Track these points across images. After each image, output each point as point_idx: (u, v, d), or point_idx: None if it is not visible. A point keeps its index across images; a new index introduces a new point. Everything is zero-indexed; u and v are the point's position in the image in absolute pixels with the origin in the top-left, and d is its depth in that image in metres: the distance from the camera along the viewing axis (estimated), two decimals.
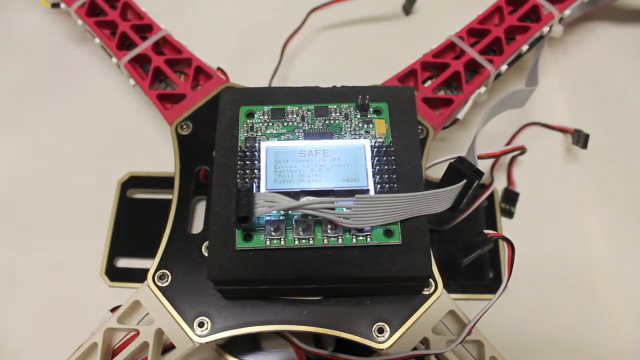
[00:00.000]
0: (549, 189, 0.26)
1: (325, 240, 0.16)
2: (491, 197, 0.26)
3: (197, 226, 0.22)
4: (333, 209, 0.16)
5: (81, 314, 0.23)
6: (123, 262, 0.25)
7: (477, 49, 0.24)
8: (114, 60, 0.25)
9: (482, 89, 0.24)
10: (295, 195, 0.17)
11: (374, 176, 0.17)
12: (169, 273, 0.19)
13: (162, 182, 0.26)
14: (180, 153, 0.21)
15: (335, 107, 0.19)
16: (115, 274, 0.24)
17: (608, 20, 0.31)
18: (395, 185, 0.17)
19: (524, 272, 0.23)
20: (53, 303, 0.24)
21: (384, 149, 0.18)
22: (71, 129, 0.28)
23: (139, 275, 0.20)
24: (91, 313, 0.19)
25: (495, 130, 0.25)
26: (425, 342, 0.18)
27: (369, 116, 0.19)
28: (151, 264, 0.19)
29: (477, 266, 0.24)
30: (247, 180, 0.17)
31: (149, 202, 0.26)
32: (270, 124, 0.19)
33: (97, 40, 0.25)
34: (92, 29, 0.25)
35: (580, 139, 0.26)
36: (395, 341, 0.17)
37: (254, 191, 0.16)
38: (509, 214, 0.26)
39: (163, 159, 0.25)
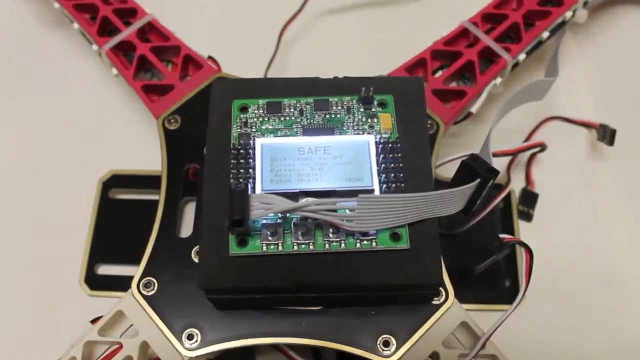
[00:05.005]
0: (571, 189, 0.27)
1: (327, 245, 0.16)
2: (508, 198, 0.26)
3: (186, 230, 0.22)
4: (335, 210, 0.16)
5: (58, 325, 0.23)
6: (104, 269, 0.25)
7: (492, 36, 0.24)
8: (95, 47, 0.25)
9: (498, 80, 0.24)
10: (294, 196, 0.17)
11: (379, 175, 0.17)
12: (155, 281, 0.19)
13: (147, 182, 0.26)
14: (168, 150, 0.22)
15: (336, 100, 0.19)
16: (95, 282, 0.24)
17: (637, 3, 0.31)
18: (403, 185, 0.17)
19: (544, 281, 0.24)
20: (27, 314, 0.24)
21: (389, 145, 0.18)
22: (46, 124, 0.28)
23: (122, 283, 0.20)
24: (69, 325, 0.20)
25: (512, 125, 0.25)
26: (435, 356, 0.18)
27: (373, 110, 0.19)
28: (135, 271, 0.19)
29: (492, 274, 0.24)
30: (241, 180, 0.17)
31: (133, 203, 0.26)
32: (266, 119, 0.19)
33: (75, 25, 0.26)
34: (70, 13, 0.25)
35: (607, 134, 0.26)
36: (402, 355, 0.17)
37: (249, 192, 0.16)
38: (528, 217, 0.26)
39: (149, 156, 0.25)
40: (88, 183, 0.26)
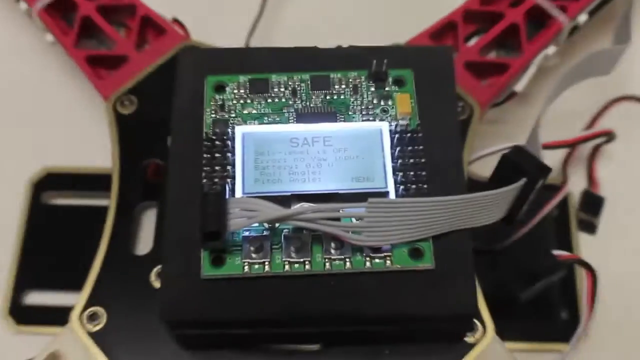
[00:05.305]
0: None
1: (328, 265, 0.17)
2: (564, 203, 0.26)
3: (145, 245, 0.23)
4: (338, 219, 0.16)
5: None
6: (35, 297, 0.25)
7: None
8: (23, 5, 0.25)
9: (551, 49, 0.24)
10: (285, 200, 0.17)
11: (394, 173, 0.18)
12: (103, 311, 0.19)
13: (93, 182, 0.26)
14: (121, 141, 0.22)
15: (339, 76, 0.19)
16: (24, 315, 0.25)
17: None
18: (425, 186, 0.18)
19: (612, 311, 0.24)
20: None
21: (408, 134, 0.18)
22: None
23: (58, 316, 0.20)
24: None
25: (569, 107, 0.25)
26: None
27: (387, 89, 0.19)
28: (77, 300, 0.19)
29: (544, 303, 0.24)
30: (216, 180, 0.18)
31: (74, 211, 0.26)
32: (249, 101, 0.19)
33: None
34: None
35: None
36: None
37: (227, 196, 0.16)
38: (591, 228, 0.26)
39: (95, 148, 0.26)
40: (14, 184, 0.26)
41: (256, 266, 0.17)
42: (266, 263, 0.17)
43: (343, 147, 0.18)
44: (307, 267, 0.17)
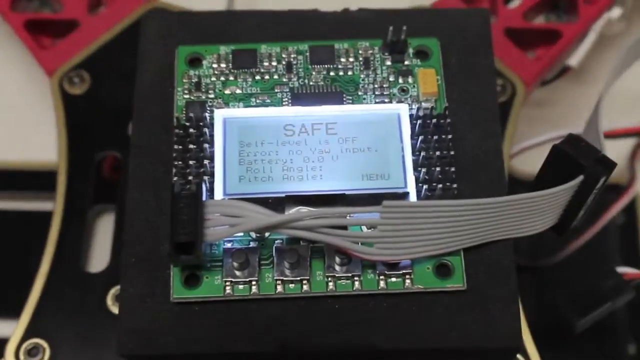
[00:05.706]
0: None
1: (331, 285, 0.17)
2: (631, 208, 0.26)
3: (100, 260, 0.23)
4: (344, 227, 0.16)
5: None
6: None
7: None
8: None
9: (615, 12, 0.24)
10: (278, 204, 0.17)
11: (416, 170, 0.18)
12: (45, 345, 0.19)
13: (34, 180, 0.26)
14: (69, 128, 0.22)
15: (346, 46, 0.19)
16: None
17: None
18: (455, 186, 0.18)
19: None
20: None
21: (433, 120, 0.18)
22: None
23: None
24: None
25: (638, 86, 0.25)
26: None
27: (407, 63, 0.19)
28: (13, 330, 0.19)
29: (607, 333, 0.24)
30: (190, 178, 0.18)
31: (10, 217, 0.26)
32: (232, 78, 0.19)
33: None
34: None
35: None
36: None
37: (204, 198, 0.16)
38: None
39: (35, 138, 0.26)
40: None
41: (240, 287, 0.17)
42: (253, 283, 0.17)
43: (351, 137, 0.18)
44: (304, 287, 0.17)
